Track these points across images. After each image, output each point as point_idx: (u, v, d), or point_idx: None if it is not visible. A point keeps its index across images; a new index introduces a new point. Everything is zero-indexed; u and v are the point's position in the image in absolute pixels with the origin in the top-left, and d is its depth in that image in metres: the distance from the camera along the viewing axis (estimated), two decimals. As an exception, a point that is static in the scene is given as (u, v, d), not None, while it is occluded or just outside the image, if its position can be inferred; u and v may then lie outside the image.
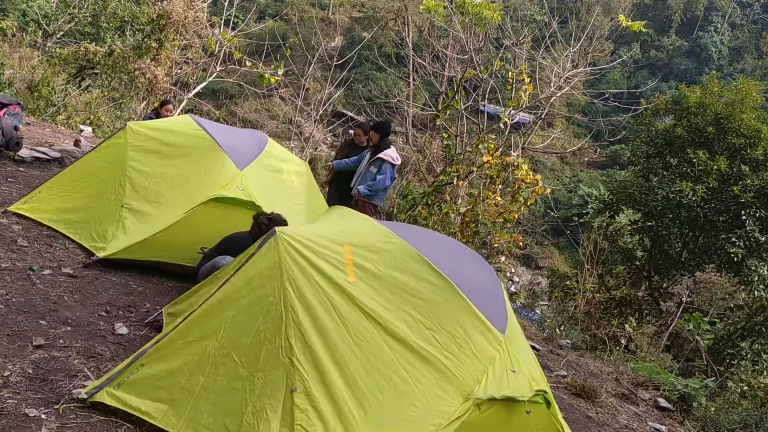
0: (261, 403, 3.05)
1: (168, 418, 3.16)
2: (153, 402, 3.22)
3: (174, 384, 3.24)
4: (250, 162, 5.88)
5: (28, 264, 4.94)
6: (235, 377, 3.17)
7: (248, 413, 3.03)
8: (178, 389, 3.22)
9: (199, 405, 3.15)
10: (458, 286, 3.49)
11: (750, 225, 11.07)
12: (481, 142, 10.09)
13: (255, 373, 3.13)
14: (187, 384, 3.23)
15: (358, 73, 34.99)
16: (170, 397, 3.22)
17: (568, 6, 39.83)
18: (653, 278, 12.37)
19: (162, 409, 3.19)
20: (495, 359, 3.35)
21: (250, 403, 3.06)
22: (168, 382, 3.26)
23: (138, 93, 15.14)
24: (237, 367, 3.18)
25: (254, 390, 3.10)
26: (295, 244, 3.38)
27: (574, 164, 40.48)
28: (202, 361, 3.26)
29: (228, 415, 3.08)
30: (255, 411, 3.03)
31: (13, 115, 8.18)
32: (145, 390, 3.26)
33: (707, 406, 6.44)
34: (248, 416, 3.03)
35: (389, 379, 3.14)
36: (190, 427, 3.11)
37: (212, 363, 3.24)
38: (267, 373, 3.11)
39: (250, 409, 3.04)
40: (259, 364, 3.14)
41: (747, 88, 12.12)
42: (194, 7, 15.41)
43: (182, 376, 3.25)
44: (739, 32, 53.27)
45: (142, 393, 3.25)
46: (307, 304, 3.24)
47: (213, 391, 3.17)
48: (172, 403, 3.20)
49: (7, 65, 12.66)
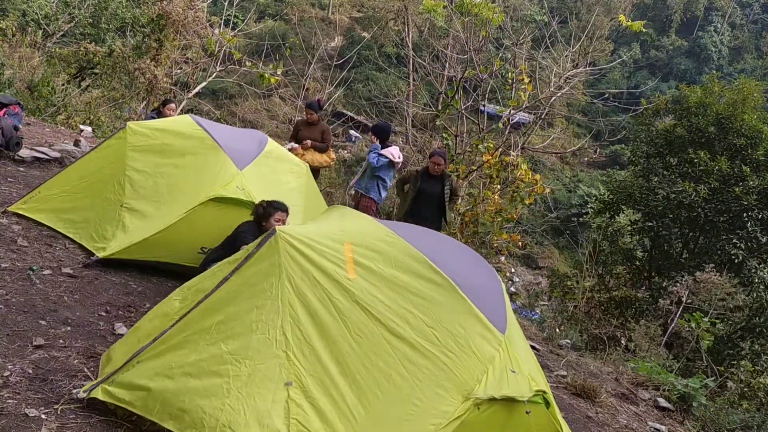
0: (248, 390, 3.01)
1: (146, 404, 3.14)
2: (136, 392, 3.20)
3: (158, 373, 3.23)
4: (250, 162, 5.87)
5: (28, 264, 4.94)
6: (218, 362, 3.14)
7: (231, 398, 3.00)
8: (160, 377, 3.20)
9: (177, 389, 3.12)
10: (458, 286, 3.48)
11: (751, 226, 11.07)
12: (480, 142, 10.09)
13: (242, 360, 3.10)
14: (168, 372, 3.20)
15: (358, 73, 34.98)
16: (150, 384, 3.20)
17: (568, 6, 39.84)
18: (653, 278, 12.37)
19: (141, 396, 3.17)
20: (495, 359, 3.34)
21: (234, 389, 3.03)
22: (153, 372, 3.25)
23: (138, 93, 15.14)
24: (222, 353, 3.16)
25: (239, 376, 3.06)
26: (295, 242, 3.38)
27: (574, 164, 40.46)
28: (190, 351, 3.25)
29: (206, 397, 3.04)
30: (240, 396, 3.00)
31: (13, 115, 8.18)
32: (134, 383, 3.26)
33: (707, 406, 6.44)
34: (231, 400, 2.99)
35: (389, 377, 3.13)
36: (166, 411, 3.08)
37: (197, 352, 3.22)
38: (257, 361, 3.09)
39: (234, 394, 3.00)
40: (249, 352, 3.12)
41: (748, 88, 12.12)
42: (194, 7, 15.40)
43: (167, 366, 3.24)
44: (739, 32, 53.26)
45: (131, 386, 3.24)
46: (306, 301, 3.24)
47: (193, 375, 3.14)
48: (149, 390, 3.17)
49: (7, 65, 12.65)
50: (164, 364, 3.25)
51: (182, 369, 3.18)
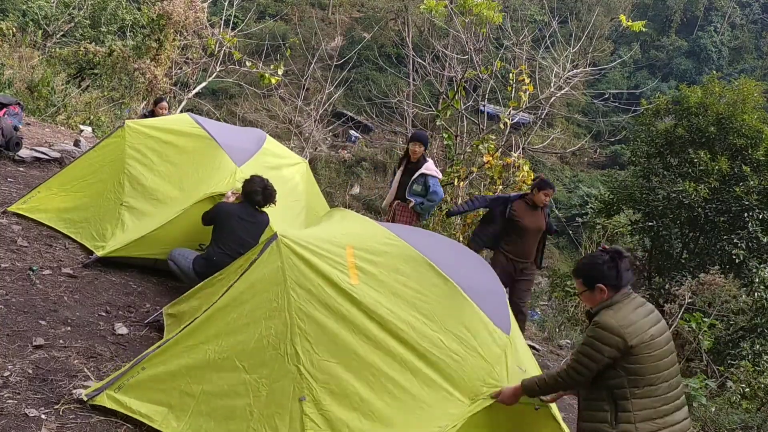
0: (269, 411, 3.02)
1: (168, 421, 3.15)
2: (153, 405, 3.21)
3: (174, 387, 3.23)
4: (248, 159, 5.87)
5: (28, 264, 4.93)
6: (237, 382, 3.15)
7: (254, 420, 3.01)
8: (177, 392, 3.21)
9: (200, 408, 3.14)
10: (461, 288, 3.47)
11: (752, 226, 11.07)
12: (481, 143, 10.06)
13: (260, 379, 3.11)
14: (187, 387, 3.21)
15: (358, 73, 34.95)
16: (170, 400, 3.21)
17: (568, 6, 39.83)
18: (653, 278, 12.37)
19: (162, 411, 3.18)
20: (502, 359, 3.34)
21: (255, 410, 3.04)
22: (168, 385, 3.25)
23: (138, 93, 15.14)
24: (239, 372, 3.16)
25: (259, 396, 3.07)
26: (296, 248, 3.35)
27: (574, 164, 40.46)
28: (203, 364, 3.25)
29: (231, 419, 3.05)
30: (262, 418, 3.00)
31: (13, 115, 8.17)
32: (145, 393, 3.26)
33: (707, 406, 6.43)
34: (254, 423, 3.00)
35: (395, 382, 3.11)
36: (191, 431, 3.10)
37: (212, 367, 3.22)
38: (273, 380, 3.09)
39: (256, 416, 3.01)
40: (264, 370, 3.12)
41: (748, 88, 12.11)
42: (194, 7, 15.41)
43: (182, 380, 3.24)
44: (739, 32, 53.26)
45: (142, 396, 3.25)
46: (311, 309, 3.21)
47: (214, 394, 3.15)
48: (171, 407, 3.18)
49: (7, 65, 12.65)
50: (178, 376, 3.26)
51: (201, 386, 3.19)
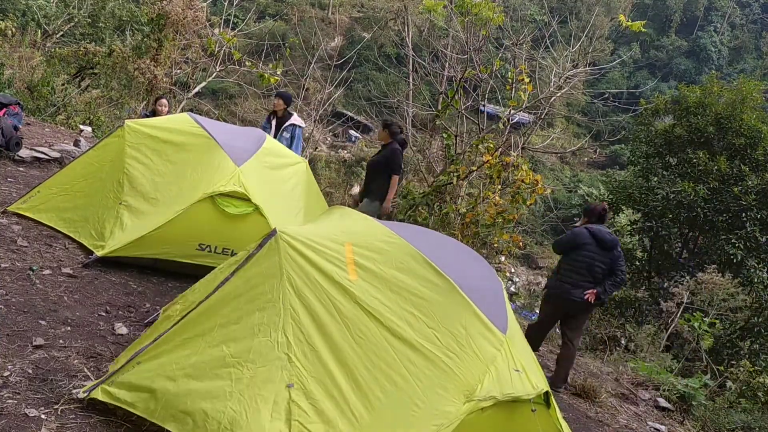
0: (250, 392, 3.01)
1: (147, 405, 3.13)
2: (137, 392, 3.19)
3: (159, 374, 3.21)
4: (248, 159, 5.88)
5: (28, 264, 4.93)
6: (220, 365, 3.13)
7: (233, 400, 2.99)
8: (161, 378, 3.19)
9: (179, 391, 3.12)
10: (459, 286, 3.48)
11: (750, 226, 11.08)
12: (480, 142, 10.06)
13: (244, 363, 3.10)
14: (171, 373, 3.19)
15: (358, 73, 34.96)
16: (152, 385, 3.19)
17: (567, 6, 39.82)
18: (653, 278, 12.38)
19: (143, 397, 3.16)
20: (497, 359, 3.34)
21: (236, 392, 3.02)
22: (154, 373, 3.24)
23: (138, 93, 15.13)
24: (224, 356, 3.15)
25: (242, 379, 3.06)
26: (295, 243, 3.37)
27: (573, 164, 40.50)
28: (191, 353, 3.24)
29: (209, 400, 3.03)
30: (242, 399, 2.99)
31: (13, 115, 8.18)
32: (134, 384, 3.25)
33: (707, 406, 6.44)
34: (233, 403, 2.98)
35: (390, 378, 3.12)
36: (168, 413, 3.07)
37: (199, 354, 3.21)
38: (259, 364, 3.08)
39: (236, 397, 3.00)
40: (250, 355, 3.11)
41: (747, 88, 12.13)
42: (194, 6, 15.39)
43: (168, 367, 3.23)
44: (738, 32, 53.30)
45: (131, 387, 3.23)
46: (307, 303, 3.23)
47: (195, 377, 3.14)
48: (152, 391, 3.16)
49: (7, 65, 12.65)
50: (165, 365, 3.25)
51: (184, 371, 3.17)
